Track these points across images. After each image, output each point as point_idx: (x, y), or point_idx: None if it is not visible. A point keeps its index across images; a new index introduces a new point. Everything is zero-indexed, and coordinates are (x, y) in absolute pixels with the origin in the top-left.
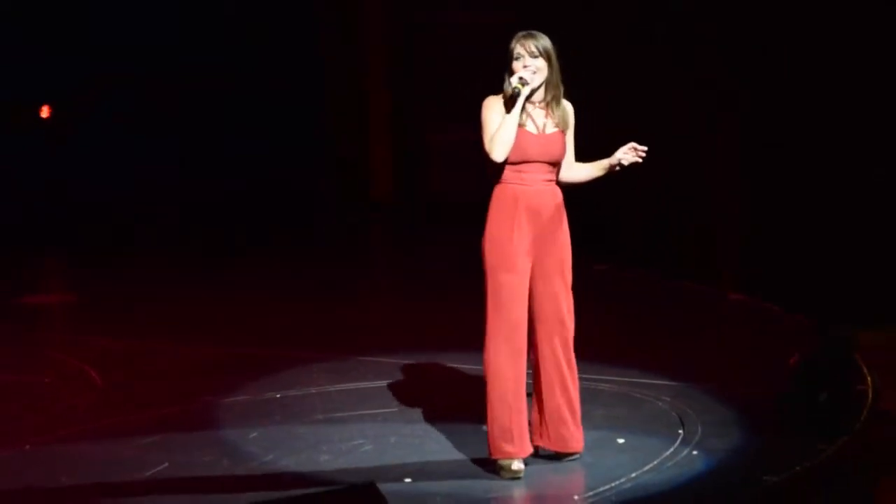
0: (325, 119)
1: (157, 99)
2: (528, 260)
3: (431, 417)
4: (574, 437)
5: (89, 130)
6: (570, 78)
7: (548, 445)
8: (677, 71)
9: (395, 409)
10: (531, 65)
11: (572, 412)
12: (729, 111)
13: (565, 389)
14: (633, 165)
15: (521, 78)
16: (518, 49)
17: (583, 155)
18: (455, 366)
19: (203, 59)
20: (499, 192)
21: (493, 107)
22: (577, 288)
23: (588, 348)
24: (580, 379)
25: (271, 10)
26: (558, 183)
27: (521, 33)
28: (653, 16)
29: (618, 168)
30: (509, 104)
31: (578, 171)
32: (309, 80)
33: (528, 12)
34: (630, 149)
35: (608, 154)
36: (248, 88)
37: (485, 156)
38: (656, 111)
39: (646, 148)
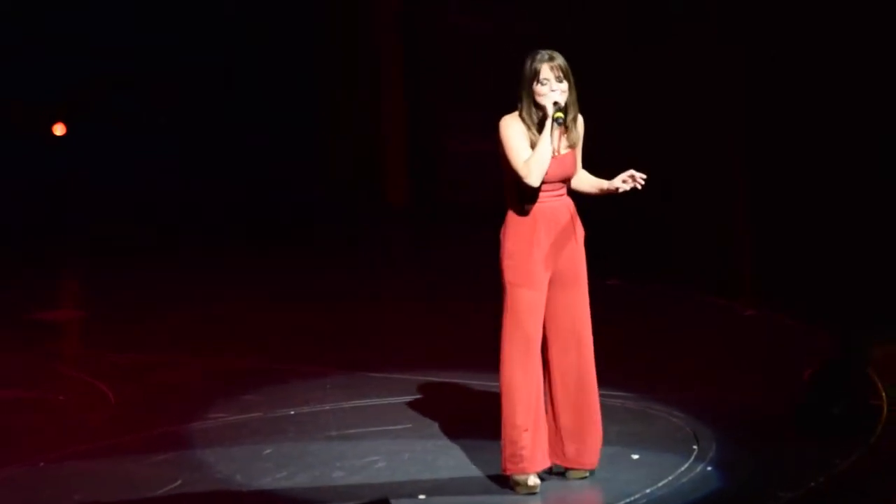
0: (331, 120)
1: (157, 99)
2: (546, 274)
3: (445, 433)
4: (588, 453)
5: (89, 130)
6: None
7: (561, 462)
8: (682, 74)
9: (409, 426)
10: (557, 89)
11: (588, 429)
12: (737, 118)
13: (579, 406)
14: (633, 190)
15: (556, 103)
16: (544, 72)
17: (587, 162)
18: (469, 381)
19: (203, 59)
20: (517, 210)
21: (514, 128)
22: (590, 303)
23: (601, 363)
24: None
25: (271, 9)
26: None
27: (543, 53)
28: (655, 16)
29: (617, 191)
30: (540, 126)
31: (582, 183)
32: (308, 80)
33: (551, 19)
34: (629, 177)
35: (611, 161)
36: (249, 89)
37: (511, 178)
38: (662, 117)
39: (644, 176)
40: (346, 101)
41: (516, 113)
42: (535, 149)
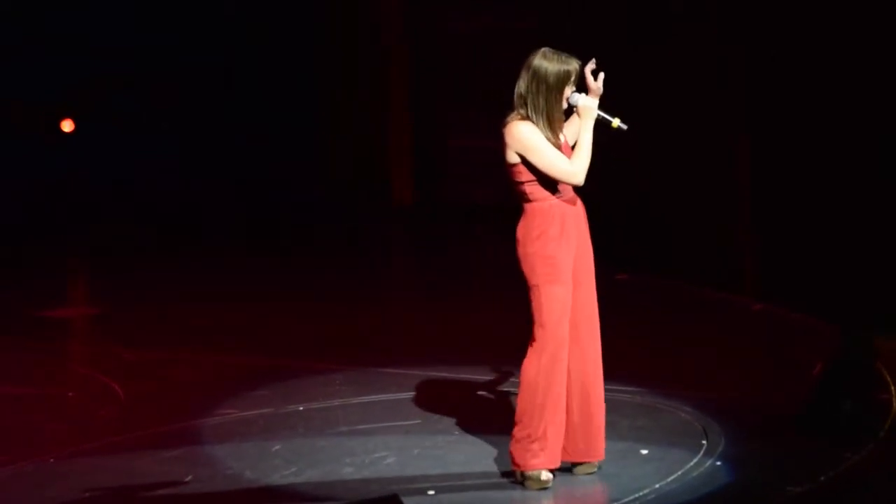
0: (331, 120)
1: (157, 99)
2: (570, 269)
3: (454, 429)
4: (600, 446)
5: (89, 130)
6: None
7: (573, 457)
8: (682, 74)
9: (418, 421)
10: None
11: (596, 421)
12: (737, 117)
13: (599, 399)
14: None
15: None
16: (575, 74)
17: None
18: (477, 376)
19: (203, 59)
20: (542, 209)
21: (535, 132)
22: (598, 298)
23: (610, 359)
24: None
25: (272, 9)
26: None
27: (563, 54)
28: (655, 16)
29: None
30: (551, 126)
31: None
32: (308, 80)
33: (551, 18)
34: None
35: (611, 160)
36: (249, 89)
37: (537, 177)
38: (662, 117)
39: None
40: (346, 101)
41: (520, 116)
42: (582, 150)
